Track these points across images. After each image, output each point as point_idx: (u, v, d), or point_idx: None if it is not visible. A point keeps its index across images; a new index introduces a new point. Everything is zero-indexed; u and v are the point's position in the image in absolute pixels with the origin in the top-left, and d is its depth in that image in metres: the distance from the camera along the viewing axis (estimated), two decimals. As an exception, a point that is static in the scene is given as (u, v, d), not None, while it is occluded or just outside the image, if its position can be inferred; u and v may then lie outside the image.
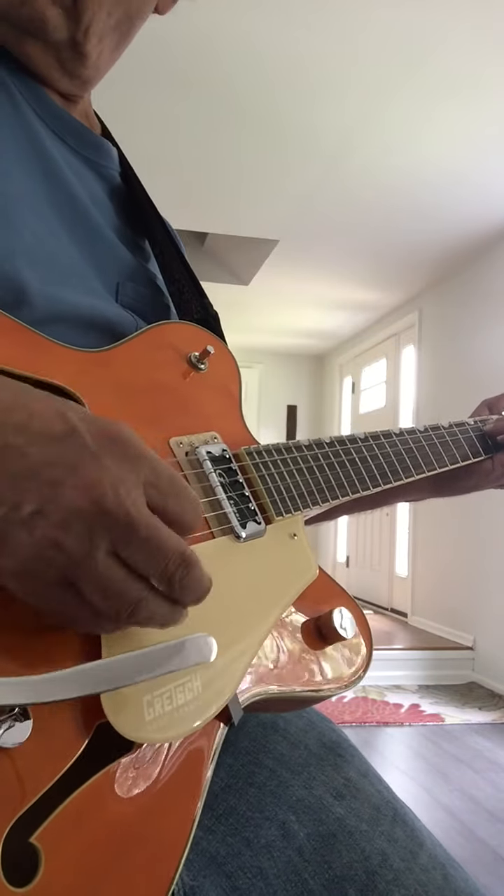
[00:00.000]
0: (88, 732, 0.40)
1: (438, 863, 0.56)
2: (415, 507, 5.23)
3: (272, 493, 0.59)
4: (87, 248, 0.63)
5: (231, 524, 0.54)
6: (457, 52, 2.58)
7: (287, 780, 0.58)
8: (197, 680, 0.46)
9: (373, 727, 3.28)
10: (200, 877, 0.50)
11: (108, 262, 0.65)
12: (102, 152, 0.71)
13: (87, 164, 0.69)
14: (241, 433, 0.62)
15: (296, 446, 0.64)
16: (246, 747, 0.60)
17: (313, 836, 0.55)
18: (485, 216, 3.95)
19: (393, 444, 0.73)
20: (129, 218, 0.73)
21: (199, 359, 0.60)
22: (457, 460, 0.78)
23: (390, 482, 0.70)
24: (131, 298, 0.66)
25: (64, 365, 0.51)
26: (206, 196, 3.85)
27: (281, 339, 6.82)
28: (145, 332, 0.59)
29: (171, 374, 0.59)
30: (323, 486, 0.63)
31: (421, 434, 0.76)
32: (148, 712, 0.42)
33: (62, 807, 0.38)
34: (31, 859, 0.36)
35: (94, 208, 0.66)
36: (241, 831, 0.54)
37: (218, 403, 0.62)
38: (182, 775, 0.44)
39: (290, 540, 0.59)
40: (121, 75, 2.94)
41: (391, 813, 0.58)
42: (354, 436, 0.70)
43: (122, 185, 0.73)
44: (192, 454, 0.56)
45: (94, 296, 0.61)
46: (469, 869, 0.60)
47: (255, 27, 2.50)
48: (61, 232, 0.61)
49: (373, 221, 4.08)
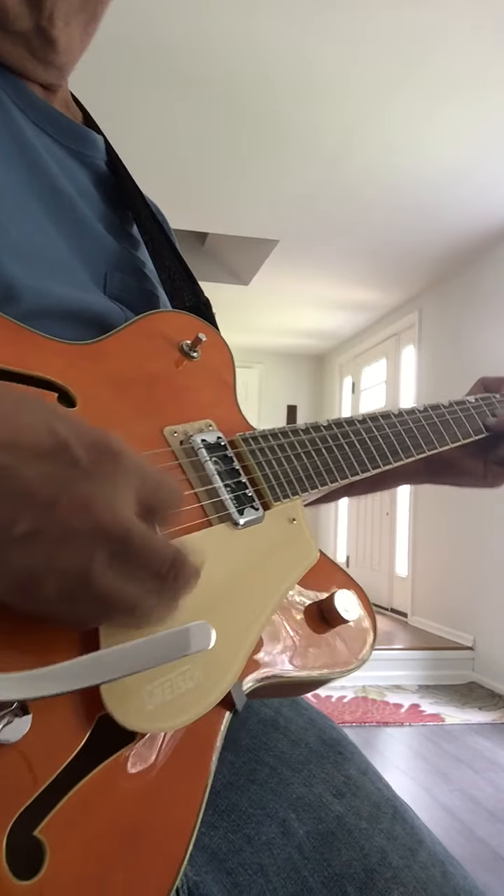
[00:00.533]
0: (90, 725, 0.40)
1: (438, 860, 0.57)
2: (415, 507, 5.23)
3: (269, 479, 0.59)
4: (74, 240, 0.63)
5: (228, 511, 0.54)
6: (457, 52, 2.58)
7: (288, 778, 0.58)
8: (198, 668, 0.46)
9: (373, 727, 3.28)
10: (203, 872, 0.50)
11: (95, 254, 0.65)
12: (86, 142, 0.70)
13: (71, 154, 0.68)
14: (237, 420, 0.62)
15: (292, 431, 0.64)
16: (247, 745, 0.60)
17: (313, 833, 0.55)
18: (485, 216, 3.95)
19: (392, 424, 0.72)
20: (117, 207, 0.72)
21: (192, 347, 0.60)
22: (458, 439, 0.77)
23: (390, 463, 0.69)
24: (119, 289, 0.66)
25: (53, 359, 0.50)
26: (206, 196, 3.85)
27: (281, 339, 6.82)
28: (135, 323, 0.59)
29: (163, 363, 0.59)
30: (321, 470, 0.63)
31: (421, 414, 0.75)
32: (149, 702, 0.42)
33: (65, 799, 0.38)
34: (35, 853, 0.36)
35: (81, 199, 0.65)
36: (242, 828, 0.54)
37: (212, 391, 0.62)
38: (187, 764, 0.44)
39: (289, 525, 0.58)
40: (121, 75, 2.97)
41: (391, 811, 0.59)
42: (352, 418, 0.70)
43: (108, 174, 0.72)
44: (187, 443, 0.55)
45: (82, 288, 0.61)
46: (469, 868, 0.61)
47: (256, 27, 2.50)
48: (47, 225, 0.60)
49: (373, 221, 4.08)
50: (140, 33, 2.53)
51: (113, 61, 2.69)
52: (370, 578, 5.95)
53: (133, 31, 2.52)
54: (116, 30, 2.50)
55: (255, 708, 0.64)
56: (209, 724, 0.46)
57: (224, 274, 5.14)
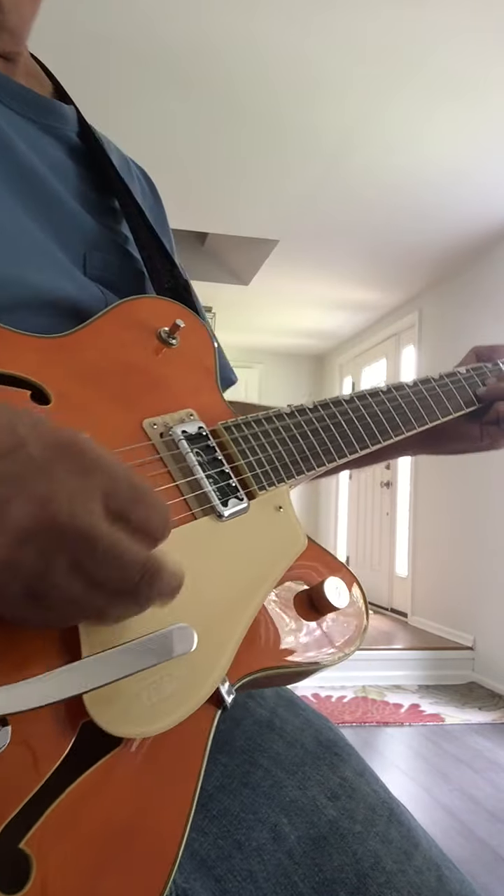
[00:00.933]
0: (73, 732, 0.40)
1: (433, 864, 0.55)
2: (415, 507, 5.23)
3: (253, 467, 0.57)
4: (47, 221, 0.60)
5: (212, 503, 0.53)
6: (457, 52, 2.58)
7: (281, 781, 0.57)
8: (183, 667, 0.44)
9: (373, 727, 3.28)
10: (192, 879, 0.49)
11: (71, 233, 0.62)
12: (54, 114, 0.66)
13: (39, 128, 0.64)
14: (219, 407, 0.60)
15: (277, 415, 0.62)
16: (242, 746, 0.59)
17: (304, 838, 0.54)
18: (485, 216, 3.95)
19: (381, 402, 0.70)
20: (95, 180, 0.68)
21: (170, 334, 0.58)
22: (449, 412, 0.75)
23: (379, 442, 0.67)
24: (100, 269, 0.63)
25: (25, 355, 0.49)
26: (206, 196, 3.85)
27: (281, 339, 6.82)
28: (110, 312, 0.57)
29: (141, 352, 0.57)
30: (308, 454, 0.61)
31: (410, 389, 0.73)
32: (133, 706, 0.42)
33: (50, 809, 0.37)
34: (21, 865, 0.36)
35: (53, 176, 0.62)
36: (232, 833, 0.53)
37: (193, 378, 0.60)
38: (175, 766, 0.43)
39: (275, 513, 0.57)
40: (121, 75, 2.96)
41: (387, 813, 0.57)
42: (339, 398, 0.67)
43: (81, 146, 0.68)
44: (167, 435, 0.54)
45: (57, 273, 0.58)
46: (469, 869, 0.60)
47: (256, 26, 2.50)
48: (16, 207, 0.58)
49: (373, 221, 4.08)
50: (140, 33, 2.53)
51: (113, 61, 2.69)
52: (370, 578, 5.95)
53: (133, 31, 2.52)
54: (116, 30, 2.50)
55: (251, 708, 0.62)
56: (197, 724, 0.45)
57: (224, 274, 5.14)
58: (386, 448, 0.71)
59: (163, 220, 0.80)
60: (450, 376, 0.78)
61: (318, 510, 7.27)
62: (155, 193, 0.81)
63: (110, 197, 0.70)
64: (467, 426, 0.79)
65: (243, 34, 2.54)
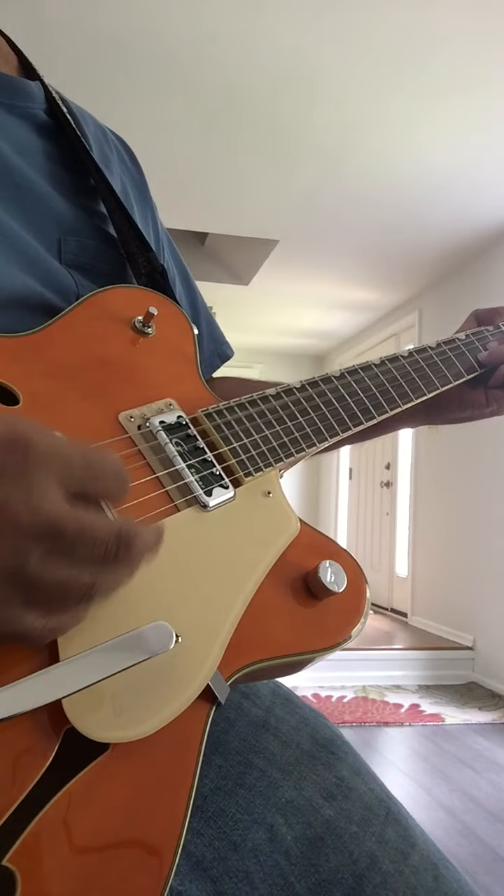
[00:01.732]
0: (56, 739, 0.38)
1: (430, 863, 0.55)
2: (415, 507, 5.23)
3: (238, 453, 0.55)
4: (18, 209, 0.57)
5: (194, 494, 0.51)
6: (458, 53, 2.58)
7: (277, 781, 0.56)
8: (169, 664, 0.42)
9: (373, 727, 3.28)
10: (187, 881, 0.48)
11: (43, 219, 0.59)
12: (17, 91, 0.62)
13: (3, 108, 0.60)
14: (200, 394, 0.58)
15: (262, 398, 0.59)
16: (236, 747, 0.57)
17: (300, 839, 0.53)
18: (485, 216, 3.95)
19: (374, 376, 0.66)
20: (66, 159, 0.65)
21: (144, 323, 0.56)
22: (449, 381, 0.70)
23: (373, 418, 0.64)
24: (76, 255, 0.61)
25: None
26: (206, 196, 3.85)
27: (281, 339, 6.82)
28: (81, 304, 0.55)
29: (116, 344, 0.55)
30: (297, 436, 0.59)
31: (406, 360, 0.69)
32: (116, 708, 0.40)
33: (34, 822, 0.36)
34: (6, 883, 0.34)
35: (21, 159, 0.59)
36: (228, 834, 0.52)
37: (172, 367, 0.58)
38: (168, 769, 0.41)
39: (264, 499, 0.54)
40: (121, 74, 2.96)
41: (384, 812, 0.57)
42: (328, 374, 0.64)
43: (50, 123, 0.64)
44: (145, 427, 0.52)
45: (27, 266, 0.56)
46: (469, 869, 0.60)
47: (257, 26, 2.49)
48: None
49: (373, 221, 4.08)
50: (140, 32, 2.53)
51: (113, 60, 2.68)
52: (370, 578, 5.92)
53: (133, 30, 2.52)
54: (116, 29, 2.50)
55: (245, 709, 0.61)
56: (190, 723, 0.43)
57: (224, 274, 5.13)
58: (387, 421, 0.68)
59: (144, 192, 0.76)
60: (448, 343, 0.74)
61: (318, 510, 7.27)
62: (136, 164, 0.77)
63: (84, 176, 0.66)
64: (472, 393, 0.75)
65: (244, 34, 2.54)
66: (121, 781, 0.39)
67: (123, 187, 0.72)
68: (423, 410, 0.74)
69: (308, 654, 0.50)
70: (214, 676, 0.45)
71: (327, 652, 0.51)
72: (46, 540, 0.35)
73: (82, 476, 0.38)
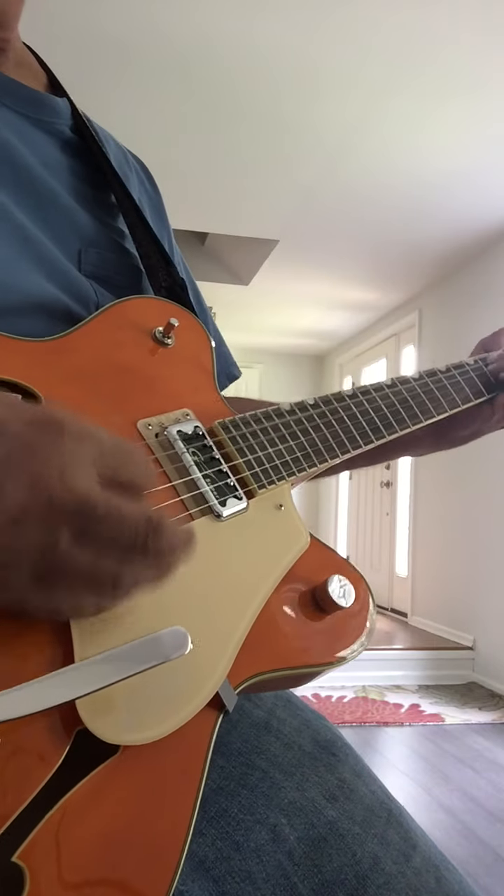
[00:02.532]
0: (68, 740, 0.38)
1: (432, 865, 0.55)
2: (415, 507, 5.23)
3: (252, 465, 0.56)
4: (41, 219, 0.59)
5: (209, 503, 0.52)
6: (459, 53, 2.58)
7: (279, 782, 0.56)
8: (181, 670, 0.43)
9: (373, 727, 3.28)
10: (189, 881, 0.49)
11: (66, 230, 0.61)
12: (46, 107, 0.64)
13: (31, 122, 0.62)
14: (216, 406, 0.59)
15: (276, 413, 0.60)
16: (238, 748, 0.58)
17: (304, 839, 0.53)
18: (485, 215, 3.95)
19: (385, 396, 0.68)
20: (90, 174, 0.67)
21: (164, 333, 0.57)
22: (457, 404, 0.72)
23: (384, 437, 0.65)
24: (95, 266, 0.62)
25: (14, 358, 0.48)
26: (206, 196, 3.85)
27: (281, 339, 6.82)
28: (104, 313, 0.56)
29: (136, 353, 0.56)
30: (309, 451, 0.60)
31: (416, 382, 0.71)
32: (128, 712, 0.40)
33: (45, 821, 0.36)
34: (15, 879, 0.35)
35: (46, 171, 0.61)
36: (231, 835, 0.52)
37: (189, 378, 0.59)
38: (175, 772, 0.42)
39: (276, 511, 0.55)
40: (121, 74, 2.96)
41: (385, 814, 0.57)
42: (342, 393, 0.65)
43: (75, 140, 0.67)
44: (163, 435, 0.53)
45: (50, 273, 0.57)
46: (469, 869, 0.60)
47: (257, 26, 2.49)
48: (9, 206, 0.57)
49: (373, 221, 4.08)
50: (139, 31, 2.53)
51: (112, 59, 2.68)
52: (370, 578, 5.90)
53: (133, 29, 2.52)
54: (116, 27, 2.50)
55: (247, 710, 0.62)
56: (198, 729, 0.43)
57: (224, 274, 5.13)
58: (391, 446, 0.69)
59: (161, 213, 0.79)
60: (457, 367, 0.76)
61: (318, 510, 7.27)
62: (154, 186, 0.80)
63: (106, 192, 0.68)
64: (478, 409, 0.76)
65: (244, 34, 2.54)
66: (129, 783, 0.40)
67: (141, 206, 0.73)
68: (432, 432, 0.75)
69: (314, 668, 0.51)
70: (223, 684, 0.45)
71: (333, 666, 0.52)
72: (78, 518, 0.35)
73: (113, 461, 0.38)
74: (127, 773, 0.40)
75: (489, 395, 0.75)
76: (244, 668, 0.47)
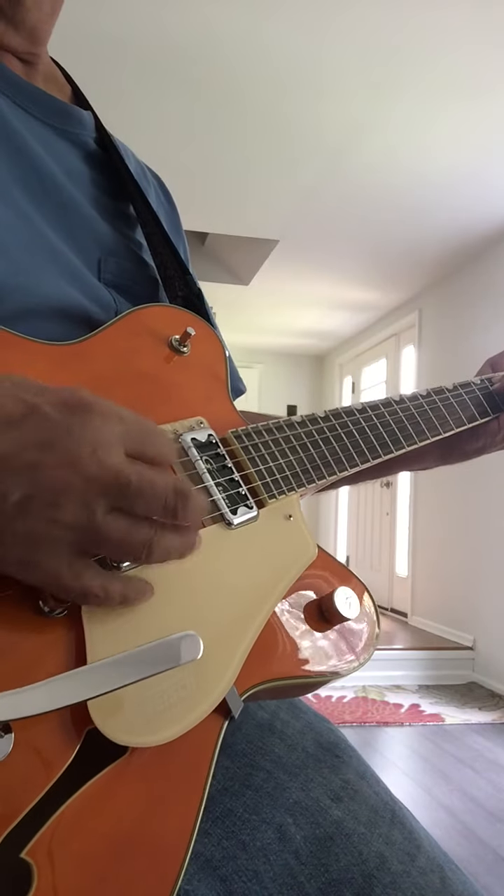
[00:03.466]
0: (78, 739, 0.39)
1: (437, 865, 0.55)
2: (415, 507, 5.23)
3: (263, 475, 0.57)
4: (63, 227, 0.60)
5: (221, 511, 0.53)
6: (460, 53, 2.58)
7: (284, 783, 0.56)
8: (189, 676, 0.44)
9: (373, 727, 3.28)
10: (195, 880, 0.49)
11: (86, 239, 0.62)
12: (72, 119, 0.66)
13: (56, 133, 0.64)
14: (230, 416, 0.60)
15: (288, 424, 0.62)
16: (243, 749, 0.58)
17: (310, 838, 0.54)
18: (485, 215, 3.95)
19: (393, 412, 0.69)
20: (111, 186, 0.69)
21: (181, 342, 0.58)
22: (463, 423, 0.74)
23: (391, 452, 0.67)
24: (114, 275, 0.64)
25: (36, 361, 0.49)
26: (206, 196, 3.85)
27: (281, 339, 6.82)
28: (122, 319, 0.57)
29: (152, 360, 0.57)
30: (318, 463, 0.61)
31: (424, 399, 0.73)
32: (138, 714, 0.41)
33: (53, 818, 0.37)
34: (23, 876, 0.35)
35: (69, 181, 0.62)
36: (237, 834, 0.53)
37: (204, 387, 0.60)
38: (182, 775, 0.43)
39: (285, 522, 0.56)
40: (121, 73, 2.96)
41: (389, 815, 0.57)
42: (351, 407, 0.67)
43: (99, 152, 0.69)
44: (177, 442, 0.54)
45: (69, 280, 0.58)
46: (469, 869, 0.60)
47: (258, 26, 2.49)
48: (32, 213, 0.58)
49: (373, 221, 4.08)
50: (141, 30, 2.53)
51: (112, 59, 2.68)
52: (370, 578, 5.95)
53: (133, 29, 2.51)
54: (117, 27, 2.50)
55: (252, 712, 0.62)
56: (204, 733, 0.44)
57: (224, 274, 5.13)
58: (398, 461, 0.71)
59: (177, 228, 0.81)
60: (463, 386, 0.77)
61: (318, 510, 7.28)
62: (170, 201, 0.82)
63: (126, 203, 0.70)
64: (484, 426, 0.77)
65: (245, 34, 2.54)
66: (137, 784, 0.41)
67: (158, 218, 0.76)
68: (438, 449, 0.77)
69: (319, 678, 0.53)
70: (230, 691, 0.46)
71: (338, 676, 0.53)
72: (112, 492, 0.38)
73: (139, 437, 0.41)
74: (134, 774, 0.41)
75: (494, 414, 0.77)
76: (250, 676, 0.48)
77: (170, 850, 0.40)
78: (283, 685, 0.51)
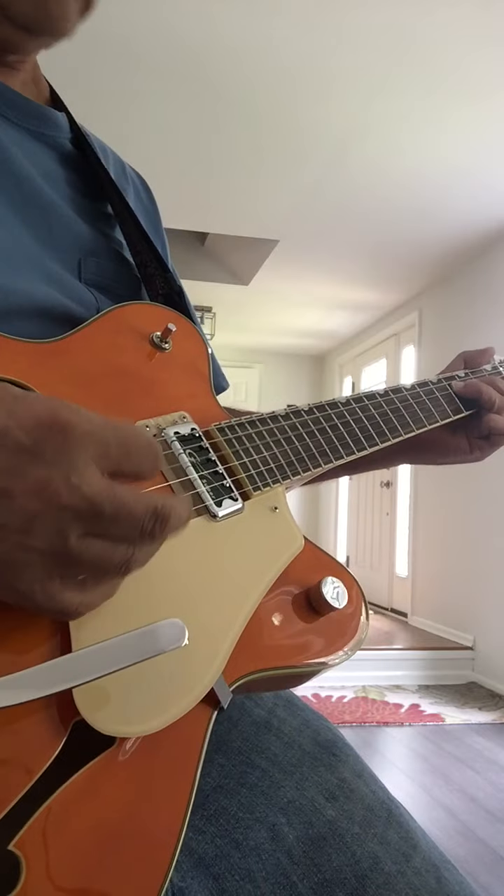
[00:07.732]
0: (65, 731, 0.39)
1: (432, 865, 0.55)
2: (415, 507, 5.23)
3: (248, 468, 0.57)
4: (42, 229, 0.60)
5: (205, 503, 0.53)
6: (460, 53, 2.58)
7: (279, 781, 0.56)
8: (177, 666, 0.44)
9: (373, 727, 3.28)
10: (188, 878, 0.49)
11: (66, 240, 0.62)
12: (47, 121, 0.66)
13: (32, 136, 0.64)
14: (213, 410, 0.60)
15: (271, 417, 0.62)
16: (238, 747, 0.58)
17: (303, 838, 0.54)
18: (485, 215, 3.95)
19: (378, 405, 0.70)
20: (88, 187, 0.69)
21: (162, 338, 0.58)
22: (436, 420, 0.74)
23: (376, 444, 0.68)
24: (94, 274, 0.64)
25: (16, 359, 0.49)
26: (206, 196, 3.85)
27: (281, 339, 6.82)
28: (103, 317, 0.57)
29: (134, 357, 0.57)
30: (303, 456, 0.61)
31: (408, 392, 0.73)
32: (125, 704, 0.41)
33: (41, 810, 0.37)
34: (11, 867, 0.35)
35: (46, 184, 0.63)
36: (230, 833, 0.53)
37: (186, 382, 0.60)
38: (171, 766, 0.43)
39: (271, 513, 0.57)
40: (120, 73, 2.95)
41: (385, 814, 0.57)
42: (335, 400, 0.67)
43: (75, 153, 0.69)
44: (160, 436, 0.54)
45: (51, 280, 0.58)
46: (469, 869, 0.60)
47: (259, 27, 2.49)
48: (10, 216, 0.58)
49: (373, 221, 4.08)
50: (141, 31, 2.53)
51: (112, 59, 2.68)
52: (370, 578, 5.95)
53: (133, 29, 2.51)
54: (117, 27, 2.50)
55: (248, 709, 0.62)
56: (193, 724, 0.44)
57: (224, 274, 5.13)
58: (384, 454, 0.71)
59: (157, 225, 0.80)
60: (448, 379, 0.78)
61: (318, 510, 7.27)
62: (151, 198, 0.81)
63: (104, 203, 0.70)
64: (455, 439, 0.79)
65: (246, 34, 2.54)
66: (125, 775, 0.41)
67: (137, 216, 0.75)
68: (415, 450, 0.78)
69: (309, 667, 0.52)
70: (218, 681, 0.46)
71: (328, 666, 0.53)
72: (86, 518, 0.36)
73: (117, 455, 0.39)
74: (122, 765, 0.41)
75: (467, 411, 0.78)
76: (239, 666, 0.48)
77: (160, 841, 0.40)
78: (272, 675, 0.51)
